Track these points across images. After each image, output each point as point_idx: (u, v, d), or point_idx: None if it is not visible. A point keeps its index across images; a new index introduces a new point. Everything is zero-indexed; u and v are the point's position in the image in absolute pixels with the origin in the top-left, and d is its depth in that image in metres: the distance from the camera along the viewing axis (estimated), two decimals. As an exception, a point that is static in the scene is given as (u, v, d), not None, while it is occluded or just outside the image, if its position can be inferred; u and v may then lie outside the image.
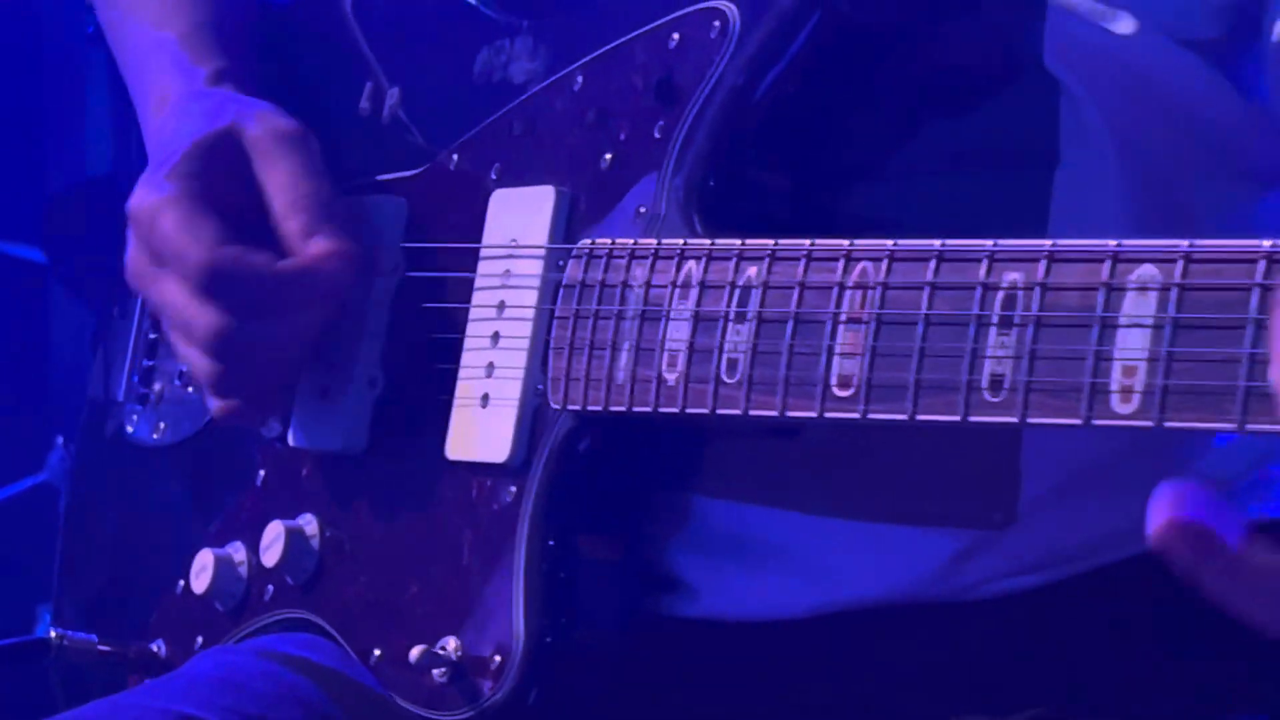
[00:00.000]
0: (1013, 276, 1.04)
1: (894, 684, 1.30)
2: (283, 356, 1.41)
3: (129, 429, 1.60)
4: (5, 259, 3.92)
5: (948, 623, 1.30)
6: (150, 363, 1.60)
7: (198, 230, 1.39)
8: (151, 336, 1.61)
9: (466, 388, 1.33)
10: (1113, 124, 1.27)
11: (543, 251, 1.30)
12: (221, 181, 1.43)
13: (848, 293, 1.11)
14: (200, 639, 1.46)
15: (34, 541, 3.46)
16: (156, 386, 1.58)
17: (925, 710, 1.29)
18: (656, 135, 1.27)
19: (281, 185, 1.42)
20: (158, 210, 1.41)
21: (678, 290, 1.21)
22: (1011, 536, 1.28)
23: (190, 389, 1.54)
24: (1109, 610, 1.26)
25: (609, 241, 1.26)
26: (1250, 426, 0.96)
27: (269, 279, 1.38)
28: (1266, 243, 0.95)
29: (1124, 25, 1.25)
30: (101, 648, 1.51)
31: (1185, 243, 0.98)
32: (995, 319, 1.05)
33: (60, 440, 3.49)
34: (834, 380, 1.11)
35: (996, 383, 1.04)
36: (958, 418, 1.06)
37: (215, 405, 1.42)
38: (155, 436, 1.57)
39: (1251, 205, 1.32)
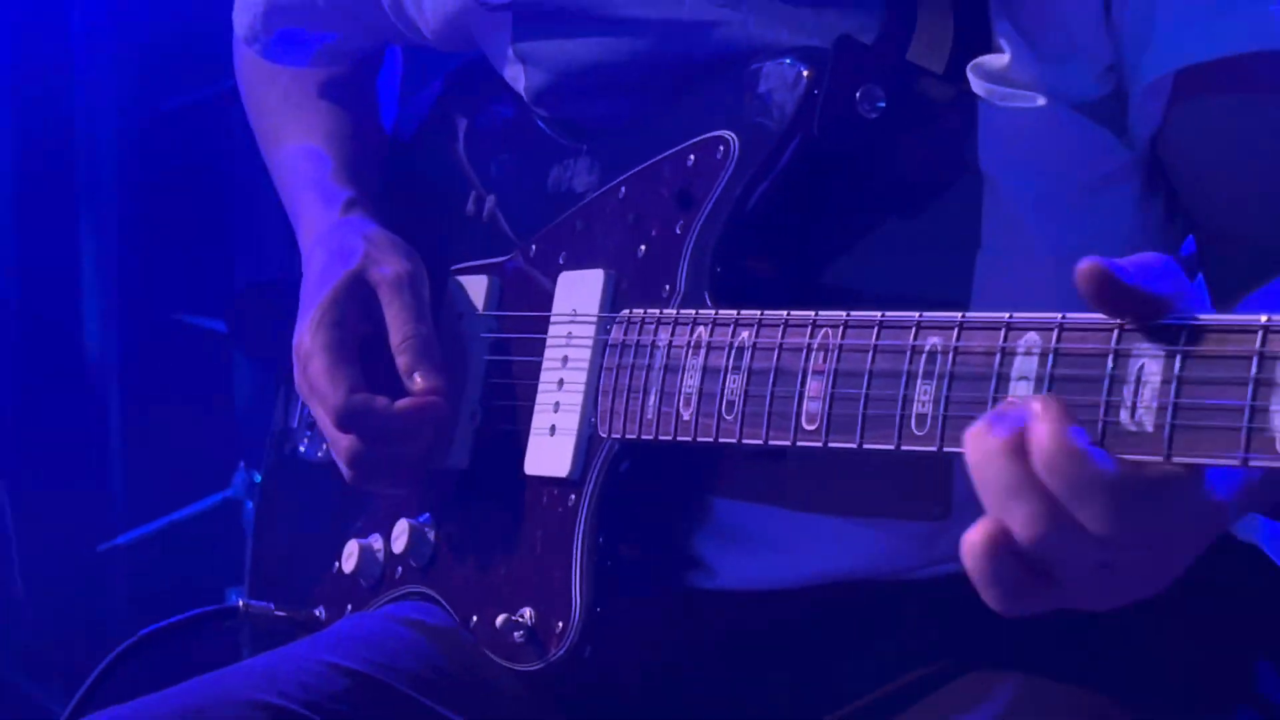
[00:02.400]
0: (934, 340, 1.02)
1: (852, 640, 1.28)
2: (398, 463, 1.39)
3: (301, 449, 1.59)
4: (197, 329, 3.84)
5: (895, 596, 1.28)
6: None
7: (335, 379, 1.38)
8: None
9: (539, 421, 1.31)
10: (1037, 202, 1.24)
11: (595, 319, 1.29)
12: (354, 317, 1.41)
13: (814, 352, 1.10)
14: (349, 606, 1.45)
15: (223, 540, 3.46)
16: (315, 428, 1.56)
17: (874, 661, 1.27)
18: (677, 232, 1.25)
19: (394, 324, 1.41)
20: (309, 357, 1.40)
21: (691, 349, 1.19)
22: (945, 529, 1.24)
23: None
24: None
25: (643, 311, 1.25)
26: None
27: (385, 418, 1.37)
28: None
29: (1036, 99, 1.22)
30: (277, 613, 1.50)
31: (1060, 315, 0.97)
32: (920, 372, 1.03)
33: (242, 464, 3.44)
34: (804, 418, 1.10)
35: (921, 420, 1.02)
36: (892, 446, 1.04)
37: (352, 484, 1.42)
38: (319, 455, 1.55)
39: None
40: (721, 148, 1.24)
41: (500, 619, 1.28)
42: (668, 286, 1.25)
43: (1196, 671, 1.24)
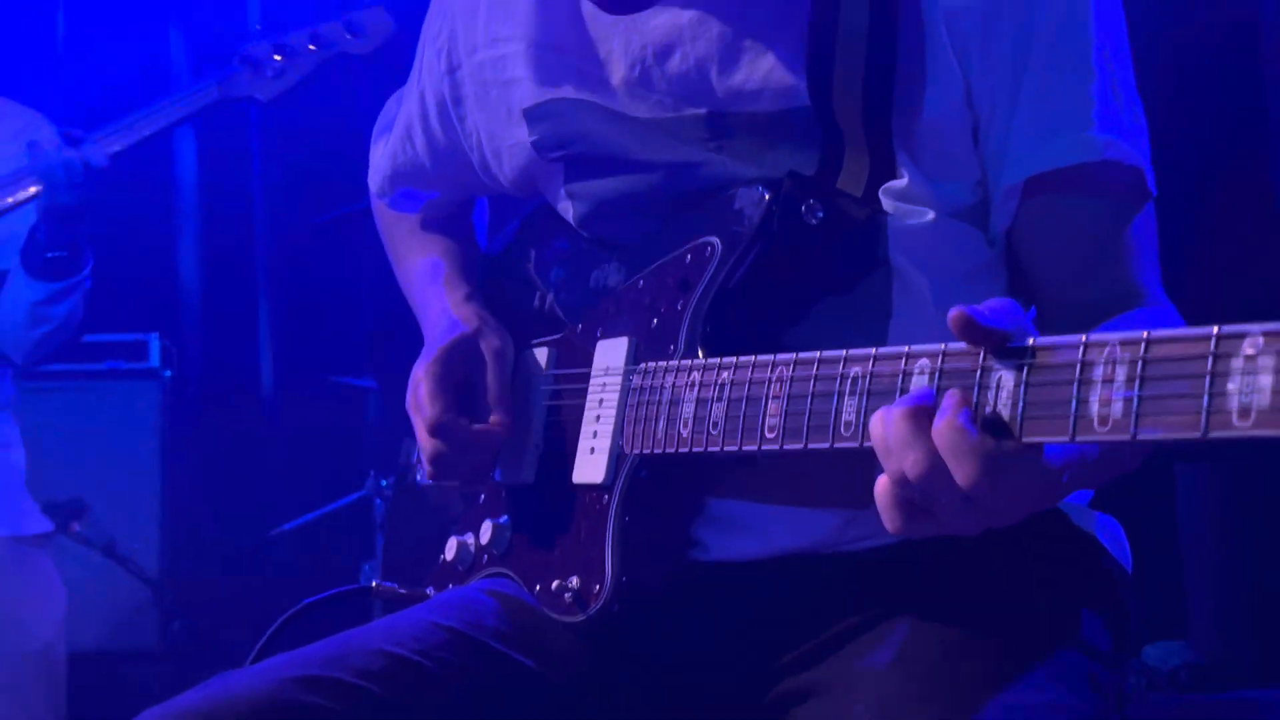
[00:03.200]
0: (855, 369, 1.02)
1: (807, 597, 1.25)
2: (464, 468, 1.39)
3: (416, 479, 1.56)
4: (339, 382, 3.77)
5: (836, 564, 1.26)
6: None
7: (434, 400, 1.37)
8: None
9: (583, 444, 1.29)
10: (931, 282, 1.23)
11: (622, 370, 1.28)
12: (458, 364, 1.40)
13: (772, 384, 1.09)
14: (450, 585, 1.42)
15: (359, 527, 3.34)
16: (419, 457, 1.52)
17: (822, 612, 1.25)
18: (679, 308, 1.24)
19: (491, 378, 1.39)
20: (419, 382, 1.39)
21: (687, 387, 1.18)
22: (869, 515, 1.20)
23: None
24: (937, 554, 1.19)
25: (655, 364, 1.24)
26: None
27: (463, 433, 1.37)
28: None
29: (927, 214, 1.21)
30: (400, 591, 1.48)
31: (943, 345, 0.97)
32: (847, 392, 1.02)
33: (371, 472, 3.35)
34: (766, 430, 1.09)
35: (848, 425, 1.02)
36: (828, 445, 1.03)
37: (431, 478, 1.42)
38: (424, 480, 1.51)
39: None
40: (709, 248, 1.24)
41: (555, 584, 1.27)
42: (672, 346, 1.24)
43: (1039, 617, 1.22)
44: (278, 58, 2.48)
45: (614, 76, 1.32)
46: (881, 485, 0.96)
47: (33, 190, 2.30)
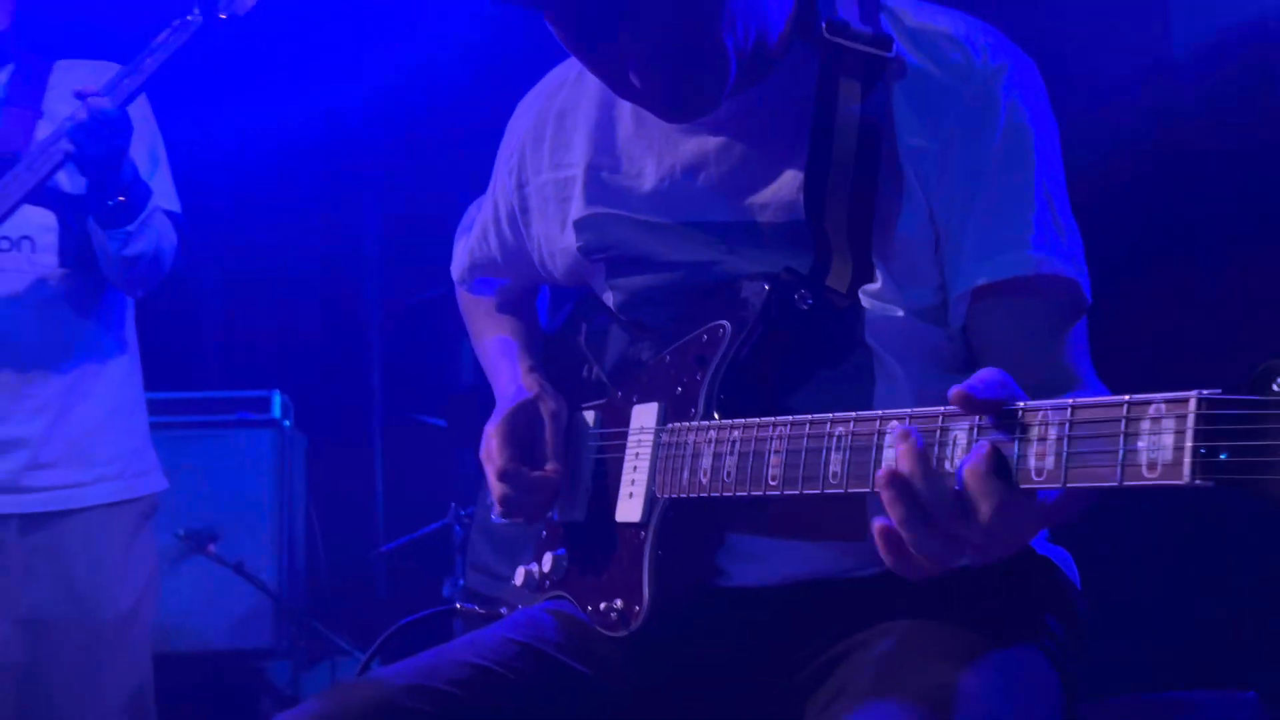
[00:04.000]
0: (840, 429, 1.04)
1: (813, 618, 1.26)
2: (527, 507, 1.40)
3: (491, 517, 1.54)
4: (424, 424, 3.81)
5: (837, 589, 1.26)
6: None
7: (503, 451, 1.39)
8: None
9: (624, 490, 1.31)
10: (901, 363, 1.24)
11: (654, 430, 1.29)
12: (523, 423, 1.41)
13: (773, 440, 1.11)
14: (520, 606, 1.43)
15: (440, 549, 3.35)
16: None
17: (826, 631, 1.24)
18: (698, 379, 1.25)
19: (550, 435, 1.41)
20: (490, 437, 1.40)
21: (706, 444, 1.20)
22: (866, 546, 1.19)
23: None
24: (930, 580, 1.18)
25: (679, 425, 1.25)
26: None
27: (526, 478, 1.38)
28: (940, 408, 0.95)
29: (897, 313, 1.22)
30: (480, 612, 1.49)
31: (909, 411, 0.99)
32: (834, 447, 1.04)
33: (453, 504, 3.35)
34: (770, 479, 1.11)
35: (835, 475, 1.03)
36: (818, 491, 1.05)
37: (501, 516, 1.43)
38: (500, 520, 1.51)
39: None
40: (721, 330, 1.25)
41: (603, 605, 1.28)
42: (693, 409, 1.25)
43: (1013, 615, 1.22)
44: None
45: (645, 187, 1.34)
46: (876, 528, 0.96)
47: (67, 147, 2.05)
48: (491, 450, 1.41)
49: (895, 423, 0.99)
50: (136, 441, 2.29)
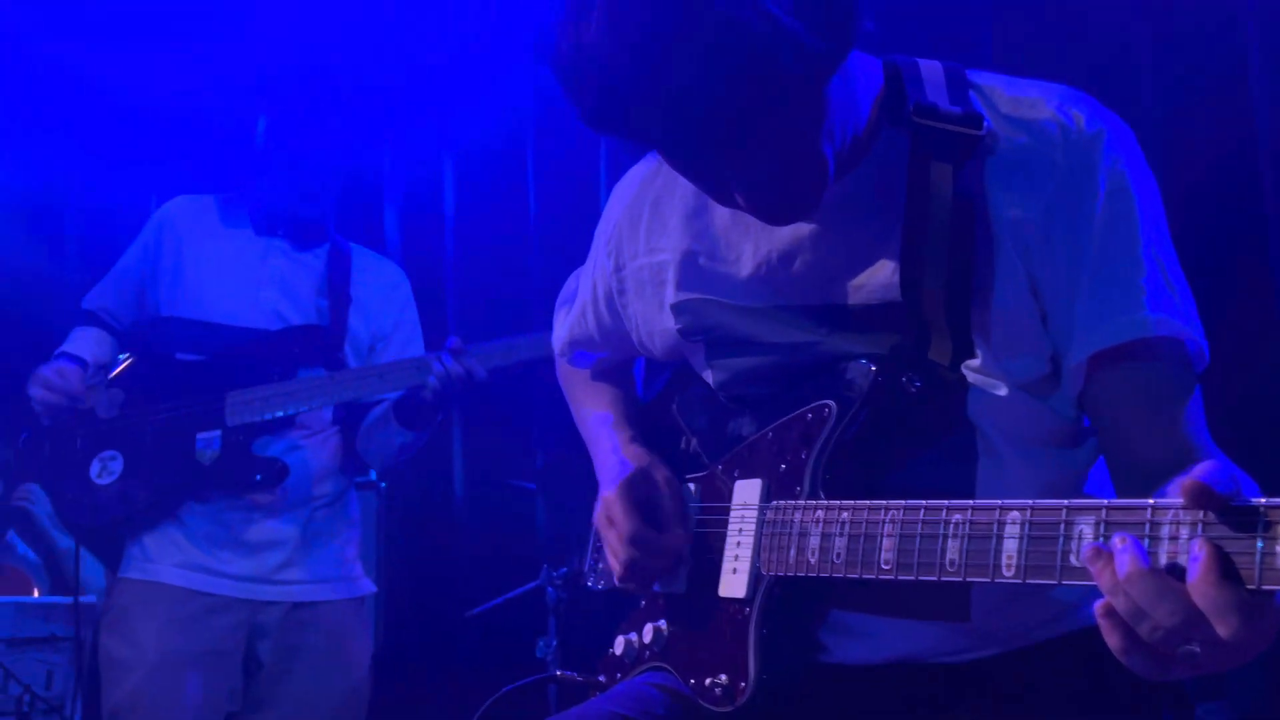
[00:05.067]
0: (957, 517, 1.04)
1: (918, 698, 1.24)
2: (650, 572, 1.40)
3: (589, 583, 1.57)
4: (514, 488, 3.81)
5: (945, 672, 1.25)
6: (599, 547, 1.56)
7: (629, 517, 1.38)
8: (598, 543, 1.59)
9: (727, 565, 1.30)
10: (1006, 439, 1.23)
11: (757, 507, 1.29)
12: (638, 491, 1.41)
13: (885, 524, 1.11)
14: (618, 675, 1.43)
15: (533, 611, 3.27)
16: (600, 566, 1.55)
17: (935, 711, 1.23)
18: (803, 458, 1.26)
19: (666, 500, 1.41)
20: (611, 503, 1.41)
21: (813, 523, 1.20)
22: (969, 627, 1.22)
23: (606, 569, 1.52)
24: (1032, 669, 1.19)
25: (784, 503, 1.25)
26: (1065, 583, 0.95)
27: (656, 542, 1.38)
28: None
29: (1001, 389, 1.21)
30: (578, 679, 1.48)
31: (1030, 502, 0.99)
32: (951, 534, 1.04)
33: (545, 565, 3.26)
34: (883, 562, 1.11)
35: (953, 563, 1.03)
36: (935, 579, 1.05)
37: (621, 580, 1.43)
38: (600, 587, 1.54)
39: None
40: (826, 409, 1.26)
41: (707, 680, 1.27)
42: (798, 488, 1.25)
43: (1126, 694, 1.20)
44: None
45: (742, 273, 1.34)
46: (1119, 639, 0.91)
47: (434, 385, 2.45)
48: (616, 515, 1.41)
49: (1017, 514, 0.98)
50: (350, 552, 2.70)
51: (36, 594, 3.29)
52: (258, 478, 2.47)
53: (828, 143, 1.16)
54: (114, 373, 2.59)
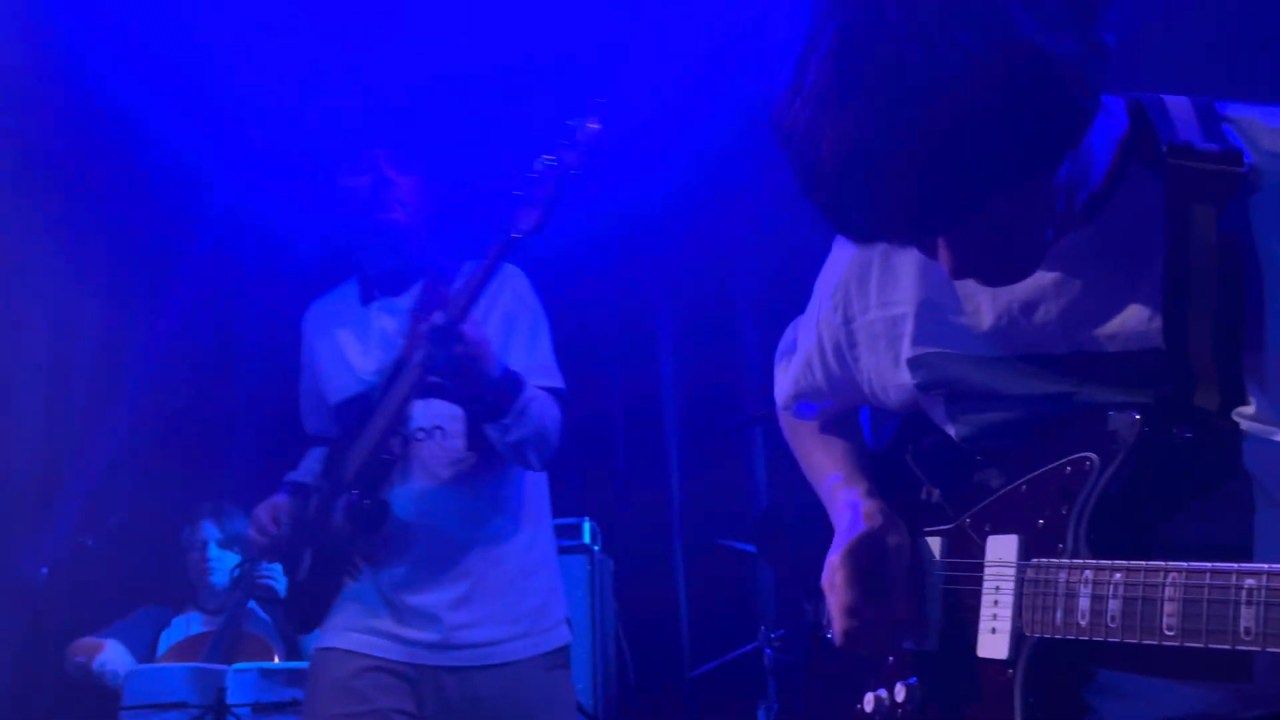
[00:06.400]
0: (1250, 582, 0.98)
1: None
2: (875, 643, 1.39)
3: (827, 635, 1.52)
4: (733, 550, 3.82)
5: None
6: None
7: (850, 586, 1.37)
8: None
9: (984, 625, 1.27)
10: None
11: (1015, 564, 1.25)
12: (865, 553, 1.39)
13: (1165, 587, 1.06)
14: None
15: (751, 672, 3.31)
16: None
17: None
18: (1064, 513, 1.21)
19: (892, 571, 1.39)
20: (836, 568, 1.39)
21: (1081, 584, 1.15)
22: (1249, 688, 1.15)
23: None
24: None
25: (1045, 560, 1.21)
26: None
27: (875, 615, 1.37)
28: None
29: (1277, 436, 1.14)
30: None
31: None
32: (1244, 601, 0.98)
33: (762, 627, 3.31)
34: (1165, 628, 1.05)
35: (1248, 631, 0.98)
36: (1229, 647, 0.99)
37: (843, 647, 1.42)
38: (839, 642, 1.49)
39: None
40: (1088, 462, 1.21)
41: None
42: (1061, 545, 1.21)
43: None
44: (522, 206, 2.30)
45: (982, 325, 1.31)
46: None
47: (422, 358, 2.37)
48: (837, 583, 1.40)
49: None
50: (543, 599, 2.54)
51: (276, 660, 3.47)
52: (367, 522, 2.40)
53: (1049, 214, 1.12)
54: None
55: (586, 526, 3.82)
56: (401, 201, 2.52)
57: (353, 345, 2.57)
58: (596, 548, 3.78)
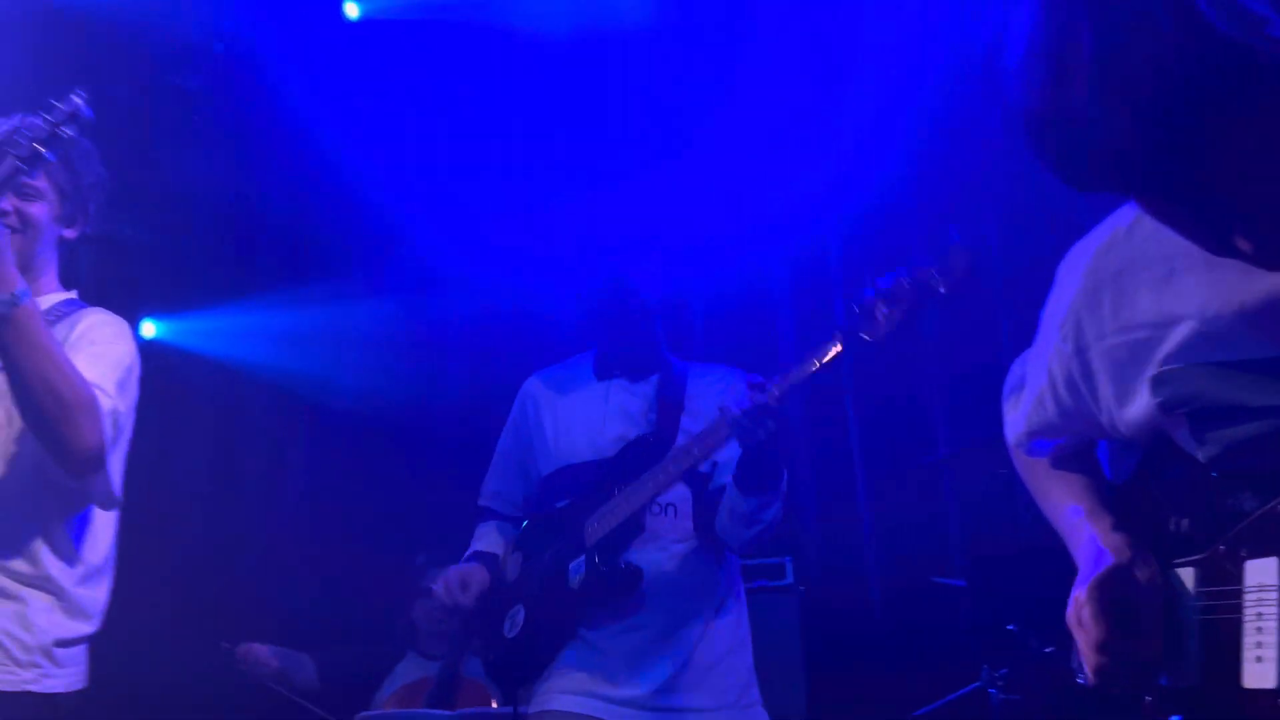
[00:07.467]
0: None
1: None
2: (1129, 678, 1.34)
3: (1079, 678, 1.47)
4: (940, 586, 3.72)
5: None
6: None
7: (1098, 623, 1.31)
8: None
9: (1248, 654, 1.22)
10: None
11: (1277, 590, 1.21)
12: (1114, 590, 1.34)
13: None
14: None
15: (974, 714, 3.19)
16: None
17: None
18: None
19: (1143, 606, 1.34)
20: (1083, 605, 1.34)
21: None
22: None
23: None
24: None
25: None
26: None
27: (1126, 652, 1.33)
28: None
29: None
30: None
31: None
32: None
33: (985, 668, 3.19)
34: None
35: None
36: None
37: (1094, 685, 1.38)
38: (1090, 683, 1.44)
39: None
40: None
41: None
42: None
43: None
44: (883, 308, 2.35)
45: (1229, 333, 1.26)
46: None
47: (724, 434, 2.49)
48: (1085, 619, 1.37)
49: None
50: (744, 679, 2.67)
51: (494, 705, 3.57)
52: (615, 586, 2.54)
53: None
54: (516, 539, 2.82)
55: (789, 565, 3.82)
56: (644, 303, 2.71)
57: (590, 415, 2.73)
58: (801, 588, 3.77)
